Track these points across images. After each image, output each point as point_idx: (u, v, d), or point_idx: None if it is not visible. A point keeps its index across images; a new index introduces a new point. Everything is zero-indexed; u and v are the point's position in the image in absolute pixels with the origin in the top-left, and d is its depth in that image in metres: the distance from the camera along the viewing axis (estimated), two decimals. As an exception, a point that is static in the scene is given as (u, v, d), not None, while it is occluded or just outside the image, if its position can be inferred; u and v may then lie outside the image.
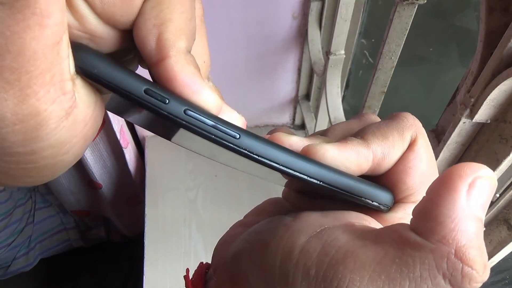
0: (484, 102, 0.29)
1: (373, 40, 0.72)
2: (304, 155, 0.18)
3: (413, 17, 0.44)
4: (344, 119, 0.69)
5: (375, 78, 0.51)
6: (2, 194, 0.93)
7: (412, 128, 0.19)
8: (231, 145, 0.16)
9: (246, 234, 0.20)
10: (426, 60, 0.67)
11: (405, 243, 0.14)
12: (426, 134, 0.19)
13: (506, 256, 0.36)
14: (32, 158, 0.15)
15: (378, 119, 0.22)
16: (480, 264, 0.13)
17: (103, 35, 0.16)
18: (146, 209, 0.82)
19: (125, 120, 0.87)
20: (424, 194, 0.19)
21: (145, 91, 0.15)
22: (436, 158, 0.35)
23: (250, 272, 0.18)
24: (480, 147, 0.32)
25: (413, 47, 0.59)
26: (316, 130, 0.82)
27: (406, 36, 0.46)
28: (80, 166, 0.86)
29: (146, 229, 0.79)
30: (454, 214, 0.13)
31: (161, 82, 0.16)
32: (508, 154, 0.29)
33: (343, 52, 0.66)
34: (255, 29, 0.76)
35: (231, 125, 0.16)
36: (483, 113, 0.30)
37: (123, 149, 0.82)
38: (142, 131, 0.94)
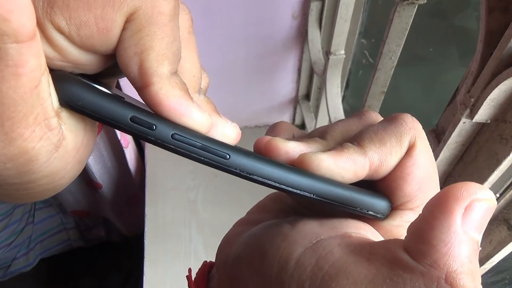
0: (484, 102, 0.29)
1: (373, 40, 0.72)
2: (298, 165, 0.18)
3: (413, 17, 0.44)
4: (344, 119, 0.69)
5: (375, 78, 0.51)
6: (2, 194, 0.93)
7: (411, 132, 0.19)
8: (221, 166, 0.16)
9: (247, 237, 0.20)
10: (426, 60, 0.67)
11: (397, 264, 0.14)
12: (426, 138, 0.19)
13: (506, 256, 0.36)
14: (29, 186, 0.15)
15: (380, 117, 0.21)
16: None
17: (87, 62, 0.16)
18: (146, 209, 0.82)
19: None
20: (422, 201, 0.19)
21: (131, 119, 0.15)
22: (436, 158, 0.35)
23: (248, 278, 0.18)
24: (480, 147, 0.32)
25: (413, 47, 0.59)
26: (316, 130, 0.82)
27: (406, 36, 0.46)
28: (80, 166, 0.86)
29: (146, 229, 0.79)
30: (447, 238, 0.13)
31: (148, 106, 0.16)
32: (508, 154, 0.29)
33: (343, 52, 0.66)
34: (255, 29, 0.76)
35: (221, 145, 0.16)
36: (483, 113, 0.30)
37: (124, 149, 0.82)
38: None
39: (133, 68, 0.16)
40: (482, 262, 0.37)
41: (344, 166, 0.18)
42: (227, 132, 0.18)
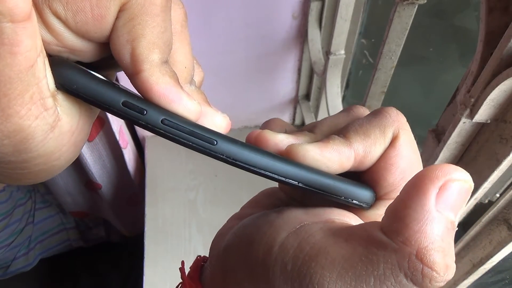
0: (484, 102, 0.29)
1: (373, 40, 0.72)
2: (286, 155, 0.19)
3: (413, 17, 0.44)
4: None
5: (375, 78, 0.51)
6: (2, 194, 0.93)
7: (394, 124, 0.19)
8: (208, 151, 0.17)
9: (236, 229, 0.21)
10: (426, 60, 0.67)
11: (372, 242, 0.15)
12: (409, 130, 0.20)
13: (506, 256, 0.36)
14: (25, 165, 0.16)
15: (367, 112, 0.22)
16: (441, 265, 0.13)
17: (83, 48, 0.17)
18: (146, 209, 0.82)
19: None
20: None
21: (123, 104, 0.16)
22: (436, 158, 0.35)
23: (237, 266, 0.19)
24: (480, 147, 0.32)
25: (413, 47, 0.59)
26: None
27: (406, 36, 0.46)
28: (79, 167, 0.86)
29: (146, 229, 0.79)
30: (419, 217, 0.14)
31: (140, 92, 0.17)
32: (508, 154, 0.29)
33: (343, 52, 0.66)
34: (255, 29, 0.76)
35: (209, 131, 0.17)
36: (483, 113, 0.30)
37: (122, 150, 0.82)
38: (142, 131, 0.94)
39: (125, 56, 0.16)
40: (482, 262, 0.37)
41: (330, 156, 0.18)
42: (217, 121, 0.19)
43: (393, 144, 0.19)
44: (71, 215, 1.04)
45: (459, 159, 0.35)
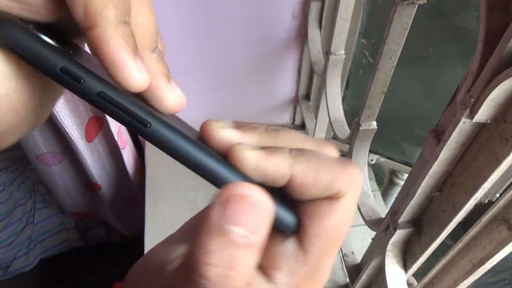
0: (484, 102, 0.29)
1: (373, 40, 0.72)
2: (227, 154, 0.17)
3: (413, 17, 0.44)
4: (344, 119, 0.69)
5: (375, 78, 0.51)
6: (2, 194, 0.93)
7: (347, 186, 0.17)
8: (141, 133, 0.16)
9: (139, 261, 0.22)
10: (426, 60, 0.67)
11: (183, 265, 0.17)
12: (356, 198, 0.17)
13: (506, 256, 0.36)
14: None
15: (336, 155, 0.19)
16: (211, 276, 0.15)
17: (34, 2, 0.16)
18: (146, 209, 0.82)
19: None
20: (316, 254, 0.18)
21: (61, 70, 0.15)
22: (436, 158, 0.35)
23: None
24: (480, 147, 0.32)
25: (413, 47, 0.59)
26: (316, 130, 0.82)
27: (406, 36, 0.46)
28: (78, 168, 0.86)
29: (146, 229, 0.79)
30: (201, 231, 0.15)
31: (91, 50, 0.16)
32: (508, 154, 0.29)
33: (343, 52, 0.66)
34: (255, 29, 0.76)
35: (145, 112, 0.16)
36: (483, 113, 0.30)
37: (121, 151, 0.82)
38: (142, 131, 0.93)
39: (79, 10, 0.15)
40: (482, 262, 0.37)
41: (265, 171, 0.17)
42: (168, 97, 0.18)
43: (331, 203, 0.17)
44: (70, 215, 1.04)
45: (459, 159, 0.35)
